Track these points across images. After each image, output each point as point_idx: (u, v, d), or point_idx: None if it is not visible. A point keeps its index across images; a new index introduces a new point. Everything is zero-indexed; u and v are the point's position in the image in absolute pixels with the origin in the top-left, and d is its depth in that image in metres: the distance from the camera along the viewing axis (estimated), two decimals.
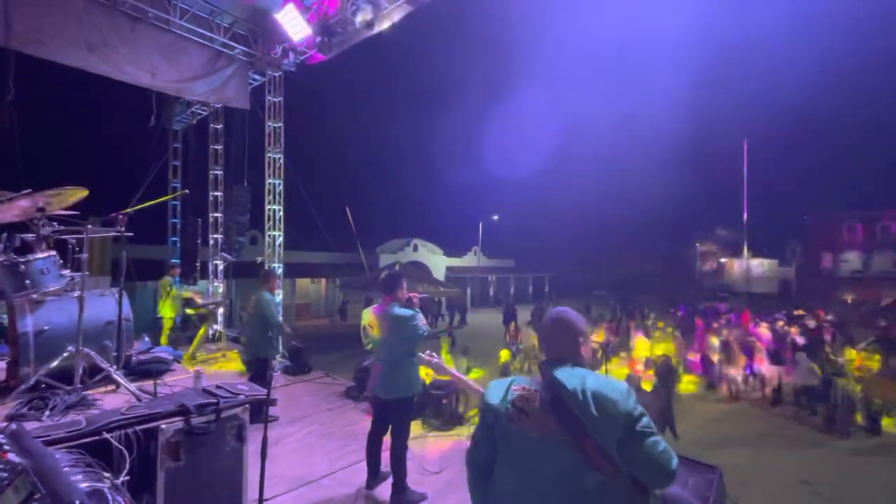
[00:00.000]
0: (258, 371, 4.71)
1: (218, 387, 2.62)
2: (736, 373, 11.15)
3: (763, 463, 7.68)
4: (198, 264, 10.34)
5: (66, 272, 3.48)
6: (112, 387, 3.21)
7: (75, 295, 3.19)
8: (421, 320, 3.36)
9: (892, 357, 11.71)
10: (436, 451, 4.18)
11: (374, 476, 3.45)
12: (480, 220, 30.77)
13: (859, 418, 9.05)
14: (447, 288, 18.85)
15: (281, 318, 7.01)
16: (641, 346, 12.82)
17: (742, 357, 11.23)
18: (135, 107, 9.70)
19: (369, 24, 6.55)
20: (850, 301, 29.28)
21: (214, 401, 2.39)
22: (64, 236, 3.52)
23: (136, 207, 3.35)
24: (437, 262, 29.57)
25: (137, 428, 2.15)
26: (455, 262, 31.45)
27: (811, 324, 14.83)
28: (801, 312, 18.68)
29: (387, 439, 3.41)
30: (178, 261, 8.98)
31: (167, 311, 7.97)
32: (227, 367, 6.85)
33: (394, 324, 3.30)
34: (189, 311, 7.87)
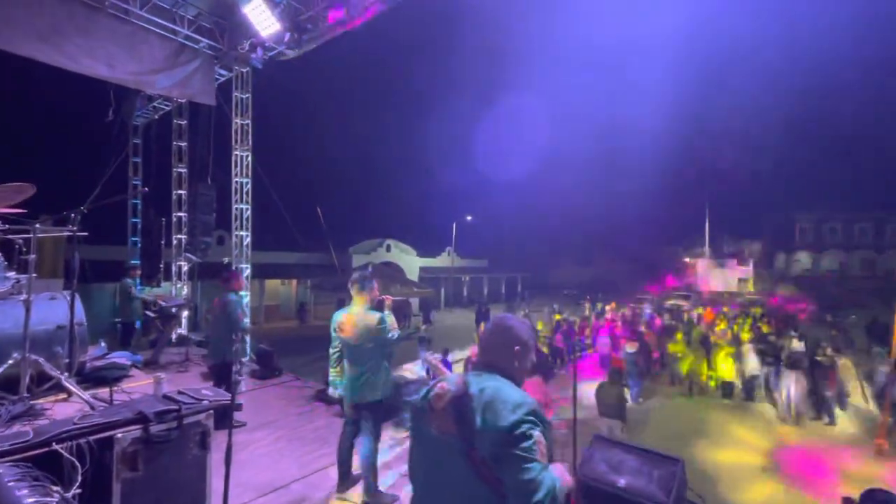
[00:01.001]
0: (223, 375, 4.56)
1: (180, 392, 2.52)
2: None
3: (723, 452, 8.02)
4: (161, 265, 9.93)
5: (12, 274, 3.27)
6: (64, 395, 3.03)
7: (22, 298, 3.00)
8: (391, 323, 3.33)
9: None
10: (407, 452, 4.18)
11: (345, 479, 3.41)
12: (454, 220, 30.88)
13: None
14: (420, 288, 18.79)
15: (248, 320, 6.83)
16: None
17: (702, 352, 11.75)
18: (91, 100, 9.25)
19: (341, 22, 6.46)
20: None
21: (176, 407, 2.29)
22: (10, 236, 3.30)
23: (91, 205, 3.17)
24: (411, 262, 29.46)
25: (90, 438, 2.03)
26: (429, 262, 31.40)
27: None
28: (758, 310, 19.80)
29: (358, 442, 3.38)
30: (137, 262, 8.60)
31: (126, 315, 7.61)
32: (192, 372, 6.61)
33: (362, 326, 3.26)
34: (151, 314, 7.54)
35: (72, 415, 2.32)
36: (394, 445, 4.28)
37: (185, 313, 9.43)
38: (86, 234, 3.15)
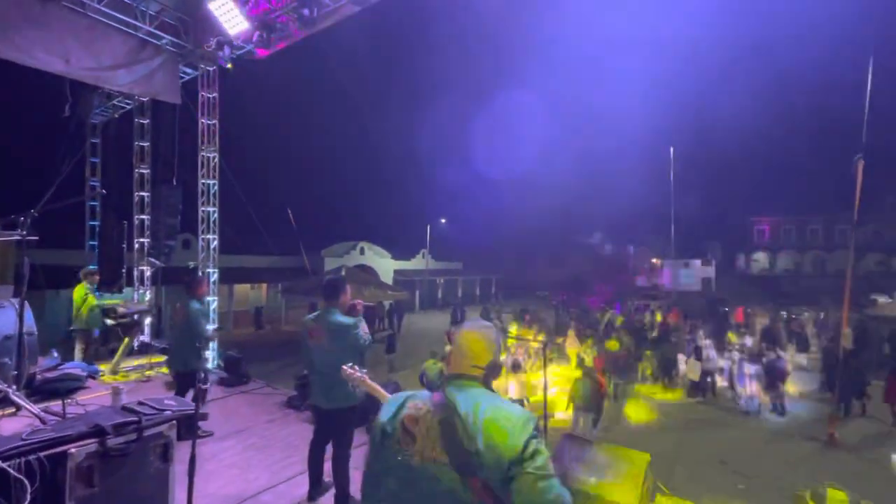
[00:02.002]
0: (187, 384, 4.40)
1: (140, 403, 2.42)
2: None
3: (687, 447, 8.32)
4: (123, 270, 9.50)
5: None
6: (11, 409, 2.86)
7: None
8: (363, 328, 3.29)
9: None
10: None
11: (316, 487, 3.35)
12: (428, 223, 30.86)
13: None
14: (395, 291, 18.66)
15: (212, 327, 6.62)
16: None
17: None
18: (45, 96, 8.77)
19: (310, 23, 6.37)
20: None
21: (135, 419, 2.20)
22: None
23: (43, 207, 3.01)
24: (385, 265, 29.24)
25: (41, 454, 1.92)
26: (403, 264, 31.26)
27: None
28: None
29: (330, 448, 3.33)
30: (95, 266, 8.19)
31: (81, 323, 7.22)
32: (155, 382, 6.35)
33: (334, 332, 3.21)
34: (110, 321, 7.19)
35: (20, 430, 2.19)
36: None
37: (148, 320, 9.05)
38: (36, 238, 2.99)
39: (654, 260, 43.79)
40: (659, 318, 18.19)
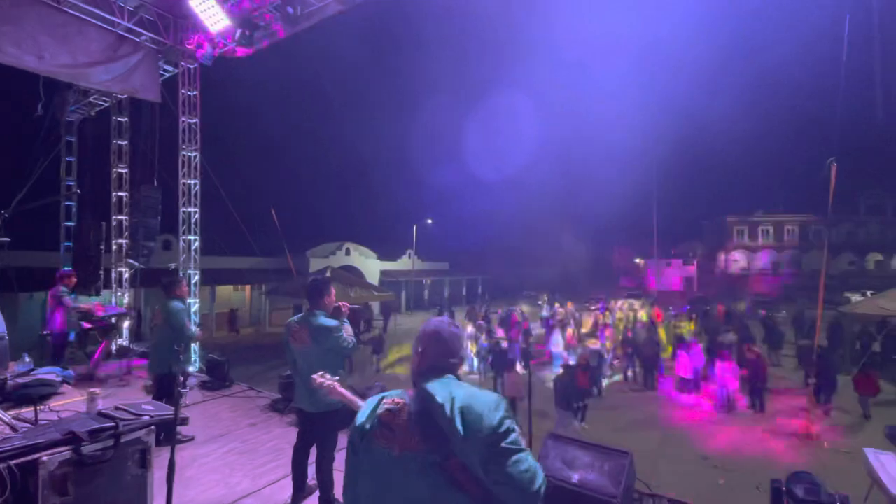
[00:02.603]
0: (167, 388, 4.31)
1: (117, 408, 2.36)
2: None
3: (670, 443, 8.47)
4: (100, 272, 9.26)
5: None
6: None
7: None
8: (347, 331, 3.26)
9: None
10: None
11: (300, 490, 3.31)
12: (415, 223, 30.79)
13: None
14: (381, 292, 18.57)
15: (196, 329, 6.50)
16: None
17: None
18: (18, 93, 8.52)
19: (293, 21, 6.31)
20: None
21: (112, 424, 2.14)
22: None
23: (15, 208, 2.91)
24: (371, 265, 29.07)
25: (11, 462, 1.87)
26: (389, 265, 31.11)
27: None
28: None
29: (314, 451, 3.29)
30: (70, 268, 7.95)
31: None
32: (134, 386, 6.21)
33: (316, 334, 3.18)
34: (87, 324, 7.00)
35: None
36: None
37: (127, 323, 8.85)
38: (8, 240, 2.89)
39: (637, 260, 44.47)
40: (644, 316, 18.46)
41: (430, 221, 33.72)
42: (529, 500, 1.25)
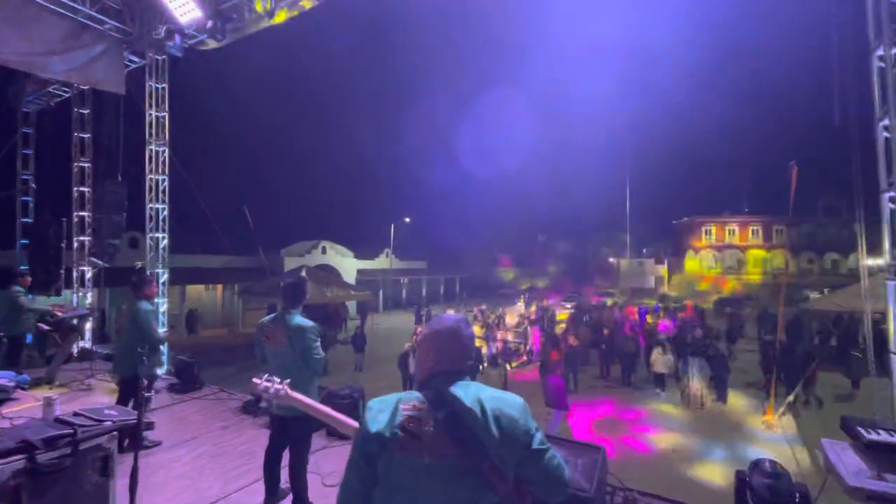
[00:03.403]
0: (132, 392, 4.14)
1: (76, 414, 2.25)
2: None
3: (640, 437, 8.70)
4: (61, 271, 8.83)
5: None
6: None
7: None
8: (318, 340, 3.22)
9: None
10: (339, 462, 4.05)
11: (272, 494, 3.24)
12: (392, 221, 30.57)
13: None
14: (358, 291, 18.39)
15: (164, 330, 6.28)
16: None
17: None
18: None
19: (269, 14, 6.16)
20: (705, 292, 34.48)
21: (69, 431, 2.04)
22: None
23: None
24: (348, 264, 28.73)
25: None
26: (366, 264, 30.82)
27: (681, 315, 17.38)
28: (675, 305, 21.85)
29: (287, 454, 3.23)
30: (25, 267, 7.55)
31: (12, 329, 6.64)
32: (98, 390, 5.95)
33: (293, 334, 3.12)
34: (46, 326, 6.67)
35: None
36: (326, 455, 4.15)
37: (89, 324, 8.47)
38: None
39: (610, 259, 45.50)
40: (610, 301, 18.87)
41: (407, 220, 33.57)
42: (566, 489, 1.33)
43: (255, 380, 2.33)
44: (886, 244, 3.55)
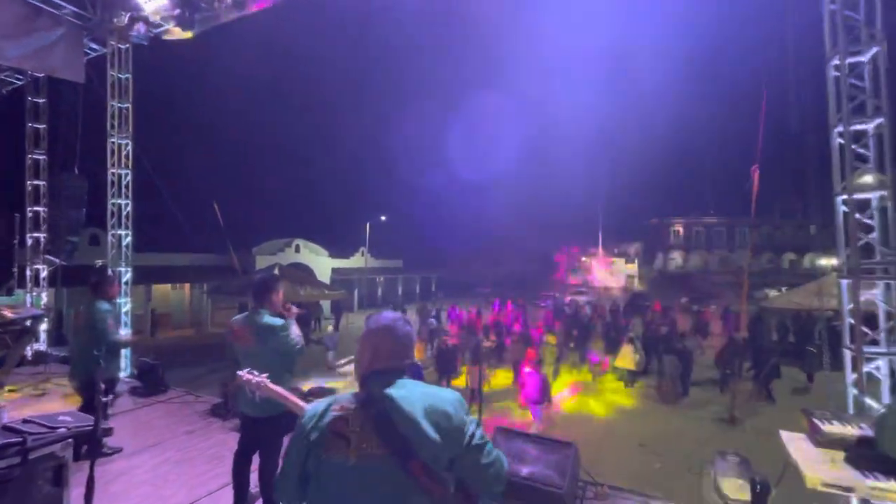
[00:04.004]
0: (88, 397, 3.94)
1: (26, 421, 2.12)
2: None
3: (613, 433, 8.92)
4: (14, 270, 8.34)
5: None
6: None
7: None
8: (294, 331, 3.14)
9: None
10: None
11: (242, 500, 3.14)
12: (368, 220, 30.25)
13: None
14: (332, 291, 18.11)
15: (128, 331, 6.02)
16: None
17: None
18: None
19: (239, 4, 5.98)
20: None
21: (19, 439, 1.92)
22: None
23: None
24: (322, 263, 28.27)
25: None
26: (341, 263, 30.40)
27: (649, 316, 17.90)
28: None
29: (257, 457, 3.14)
30: None
31: None
32: (53, 395, 5.65)
33: (262, 334, 3.04)
34: None
35: None
36: None
37: (44, 326, 8.04)
38: None
39: (583, 259, 46.47)
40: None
41: (383, 219, 33.32)
42: (500, 486, 1.32)
43: (239, 372, 2.33)
44: (840, 245, 3.74)
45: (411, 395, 1.27)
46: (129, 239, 7.60)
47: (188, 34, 6.78)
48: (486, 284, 39.25)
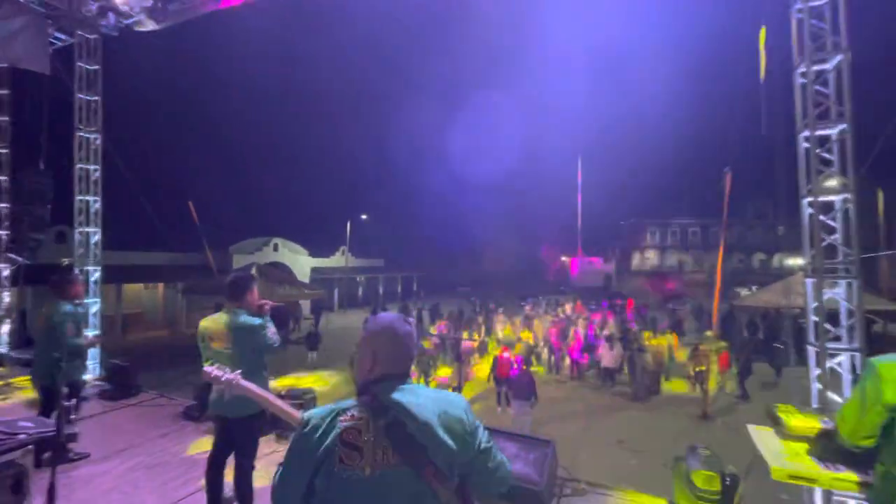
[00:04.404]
0: (54, 402, 3.77)
1: None
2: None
3: (591, 431, 9.07)
4: None
5: None
6: None
7: None
8: (271, 329, 3.08)
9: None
10: None
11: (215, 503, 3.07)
12: (348, 219, 29.95)
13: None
14: (311, 290, 17.88)
15: (95, 333, 5.81)
16: (507, 331, 14.60)
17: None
18: None
19: None
20: (650, 290, 36.52)
21: None
22: None
23: None
24: (301, 262, 27.86)
25: None
26: (321, 262, 30.02)
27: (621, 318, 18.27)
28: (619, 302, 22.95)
29: (231, 460, 3.07)
30: None
31: None
32: (15, 399, 5.41)
33: (239, 334, 2.97)
34: None
35: None
36: (275, 459, 4.00)
37: (6, 327, 7.69)
38: None
39: (562, 258, 47.11)
40: (567, 309, 19.57)
41: (364, 217, 33.04)
42: (504, 489, 1.35)
43: (206, 368, 2.25)
44: (805, 246, 3.89)
45: (423, 401, 1.25)
46: (97, 237, 7.33)
47: (161, 26, 6.58)
48: (467, 284, 39.38)
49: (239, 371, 2.23)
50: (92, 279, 7.23)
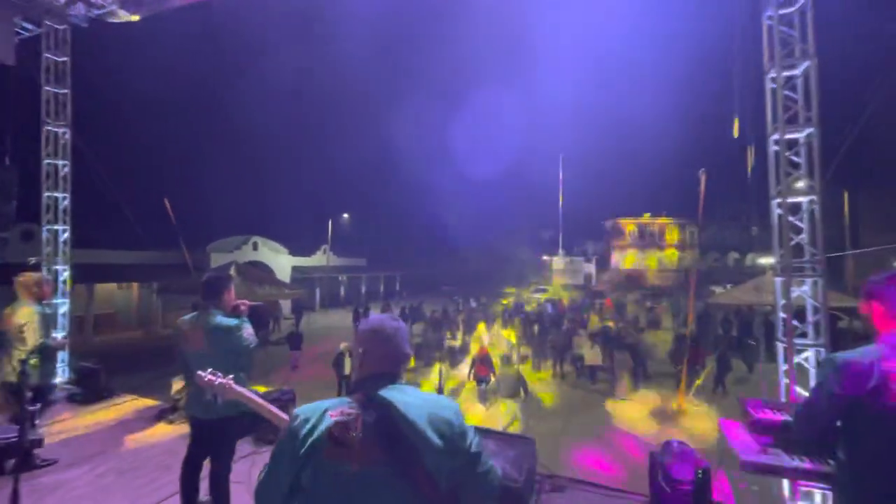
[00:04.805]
0: (14, 406, 3.63)
1: None
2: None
3: (573, 426, 9.21)
4: None
5: None
6: None
7: None
8: (247, 330, 3.02)
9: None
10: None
11: None
12: (330, 217, 29.67)
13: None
14: (291, 289, 17.62)
15: (63, 334, 5.62)
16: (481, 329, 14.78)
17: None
18: None
19: None
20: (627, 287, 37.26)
21: None
22: None
23: None
24: (282, 261, 27.46)
25: None
26: (302, 261, 29.64)
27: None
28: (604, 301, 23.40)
29: (207, 463, 3.01)
30: None
31: None
32: None
33: (215, 335, 2.91)
34: None
35: None
36: (254, 462, 3.93)
37: None
38: None
39: (544, 257, 47.63)
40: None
41: (346, 216, 32.76)
42: (494, 494, 1.33)
43: (199, 373, 2.23)
44: (775, 245, 4.02)
45: (413, 400, 1.25)
46: (67, 234, 7.08)
47: (135, 17, 6.39)
48: (450, 283, 39.43)
49: (232, 376, 2.19)
50: (61, 278, 6.99)
